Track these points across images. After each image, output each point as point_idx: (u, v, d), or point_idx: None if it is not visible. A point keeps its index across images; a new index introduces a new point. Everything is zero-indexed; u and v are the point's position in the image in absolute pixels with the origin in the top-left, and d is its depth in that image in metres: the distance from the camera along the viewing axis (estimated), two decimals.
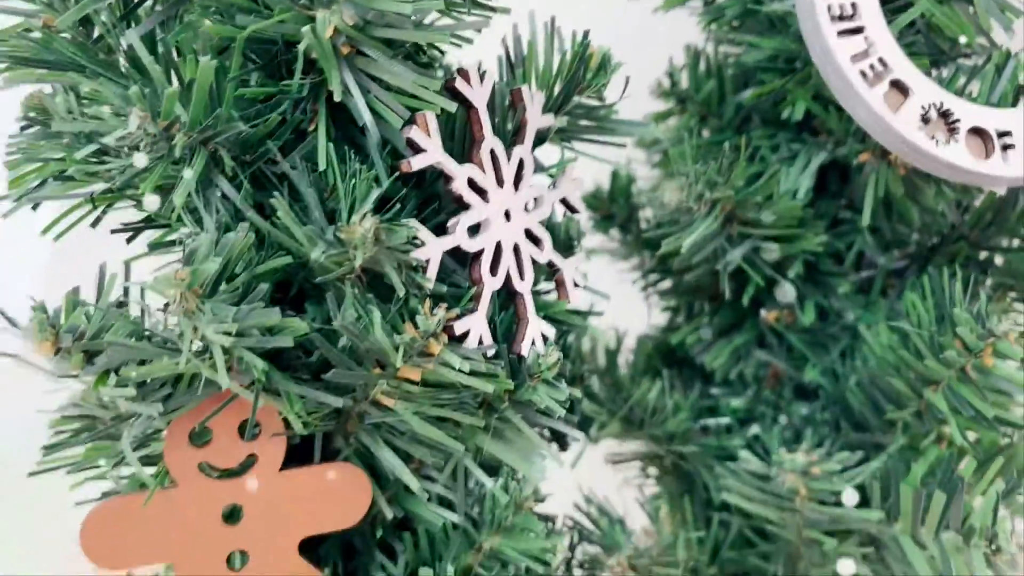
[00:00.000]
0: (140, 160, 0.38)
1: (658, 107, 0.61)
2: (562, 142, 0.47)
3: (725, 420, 0.58)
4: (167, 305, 0.37)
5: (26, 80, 0.41)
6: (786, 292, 0.55)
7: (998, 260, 0.57)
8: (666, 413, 0.57)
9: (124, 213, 0.46)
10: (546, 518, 0.52)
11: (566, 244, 0.49)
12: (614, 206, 0.63)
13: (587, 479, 0.59)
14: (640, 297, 0.67)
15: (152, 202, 0.39)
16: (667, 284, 0.64)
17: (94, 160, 0.41)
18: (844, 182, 0.56)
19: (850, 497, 0.51)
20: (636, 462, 0.64)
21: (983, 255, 0.56)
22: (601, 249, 0.65)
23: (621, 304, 0.60)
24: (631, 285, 0.66)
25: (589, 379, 0.58)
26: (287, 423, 0.43)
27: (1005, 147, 0.44)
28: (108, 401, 0.50)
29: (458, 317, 0.40)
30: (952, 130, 0.43)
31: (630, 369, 0.61)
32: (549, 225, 0.46)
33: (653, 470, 0.63)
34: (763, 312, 0.57)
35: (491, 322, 0.44)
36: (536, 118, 0.44)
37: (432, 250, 0.39)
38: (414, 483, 0.43)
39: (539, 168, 0.46)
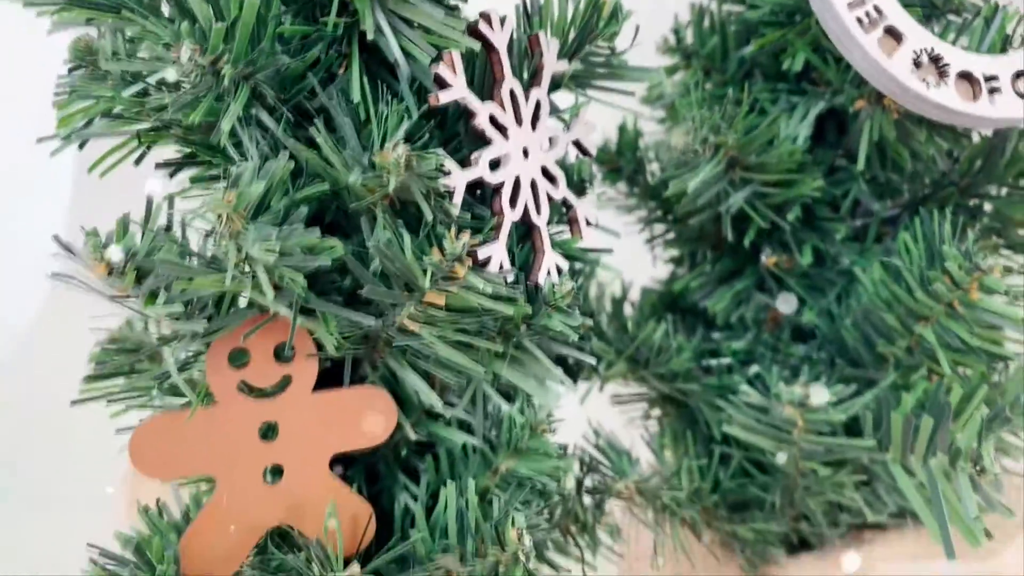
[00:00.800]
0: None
1: (665, 63, 0.63)
2: (576, 88, 0.50)
3: (726, 360, 0.62)
4: (212, 230, 0.40)
5: (75, 21, 0.44)
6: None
7: (987, 207, 0.60)
8: (670, 353, 0.60)
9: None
10: (559, 446, 0.55)
11: (578, 185, 0.52)
12: (621, 159, 0.65)
13: (595, 418, 0.62)
14: (645, 252, 0.70)
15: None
16: (671, 234, 0.67)
17: (139, 98, 0.44)
18: (841, 132, 0.59)
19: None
20: (641, 404, 0.67)
21: (972, 202, 0.59)
22: (609, 202, 0.68)
23: (627, 258, 0.63)
24: (637, 240, 0.69)
25: (599, 315, 0.61)
26: (319, 347, 0.46)
27: (992, 90, 0.47)
28: (146, 334, 0.53)
29: (480, 244, 0.43)
30: (942, 74, 0.46)
31: (635, 314, 0.65)
32: (563, 166, 0.49)
33: (657, 411, 0.66)
34: (763, 257, 0.61)
35: (510, 253, 0.47)
36: (552, 63, 0.47)
37: (457, 179, 0.42)
38: (437, 402, 0.46)
39: (554, 111, 0.49)
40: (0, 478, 0.93)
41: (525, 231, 0.48)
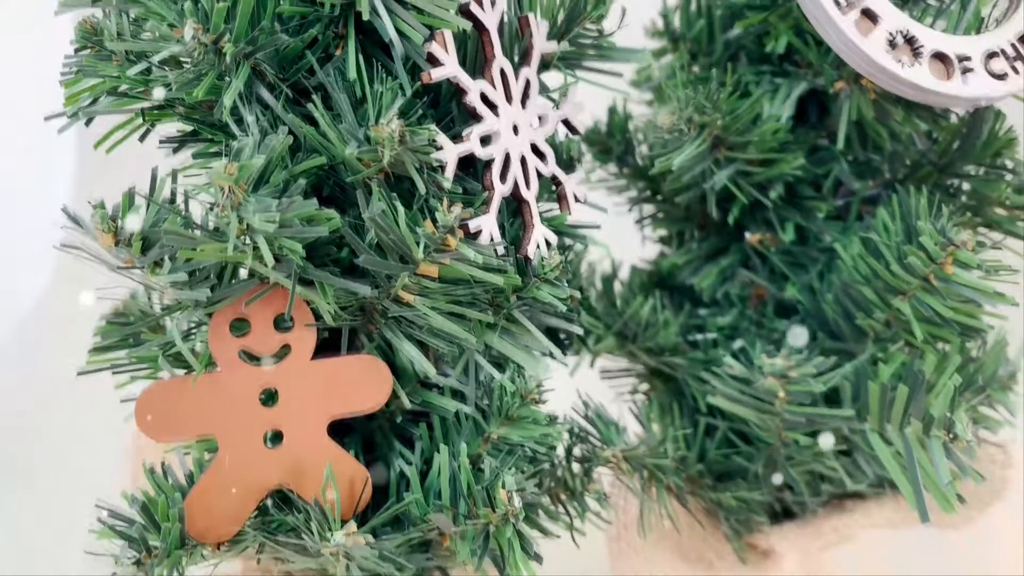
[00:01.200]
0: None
1: (653, 47, 0.65)
2: (565, 68, 0.52)
3: (712, 335, 0.64)
4: (215, 203, 0.42)
5: (81, 3, 0.46)
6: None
7: (965, 187, 0.61)
8: (658, 327, 0.62)
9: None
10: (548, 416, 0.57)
11: (567, 163, 0.54)
12: (611, 141, 0.67)
13: (585, 392, 0.64)
14: (635, 233, 0.72)
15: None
16: (660, 214, 0.69)
17: (143, 77, 0.46)
18: (823, 114, 0.61)
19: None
20: (630, 379, 0.69)
21: (951, 182, 0.61)
22: (600, 183, 0.70)
23: (617, 240, 0.65)
24: (627, 224, 0.71)
25: (588, 292, 0.63)
26: (317, 317, 0.48)
27: (965, 70, 0.49)
28: (149, 306, 0.55)
29: (472, 217, 0.45)
30: (916, 54, 0.48)
31: (624, 290, 0.66)
32: (552, 144, 0.51)
33: (645, 386, 0.68)
34: (747, 235, 0.62)
35: (501, 227, 0.48)
36: (541, 43, 0.49)
37: (449, 153, 0.44)
38: (431, 369, 0.48)
39: (544, 90, 0.51)
40: (2, 463, 0.95)
41: (516, 207, 0.50)
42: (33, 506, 0.92)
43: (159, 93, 0.44)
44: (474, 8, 0.45)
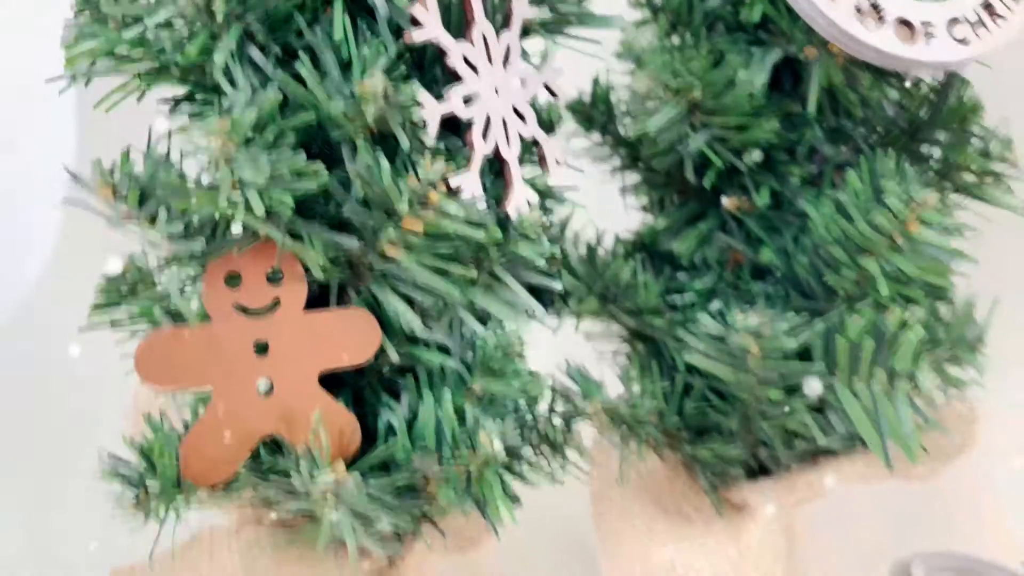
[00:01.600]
0: None
1: (634, 17, 0.67)
2: (546, 35, 0.54)
3: (690, 297, 0.66)
4: (208, 160, 0.44)
5: None
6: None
7: (936, 153, 0.64)
8: (637, 288, 0.64)
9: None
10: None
11: (547, 126, 0.56)
12: (594, 111, 0.69)
13: (569, 353, 0.67)
14: (619, 205, 0.74)
15: None
16: (642, 183, 0.71)
17: (139, 40, 0.48)
18: (796, 82, 0.63)
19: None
20: (613, 340, 0.71)
21: (922, 148, 0.63)
22: (583, 152, 0.72)
23: (601, 210, 0.67)
24: (611, 197, 0.73)
25: (571, 257, 0.65)
26: (306, 271, 0.50)
27: (928, 35, 0.51)
28: (146, 266, 0.57)
29: (454, 172, 0.47)
30: (881, 19, 0.50)
31: (606, 255, 0.69)
32: (532, 107, 0.53)
33: (626, 347, 0.71)
34: (724, 199, 0.65)
35: (483, 187, 0.51)
36: (522, 8, 0.51)
37: (431, 112, 0.46)
38: (416, 322, 0.50)
39: (525, 55, 0.53)
40: (3, 445, 0.97)
41: (499, 169, 0.52)
42: (35, 487, 0.93)
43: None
44: None
